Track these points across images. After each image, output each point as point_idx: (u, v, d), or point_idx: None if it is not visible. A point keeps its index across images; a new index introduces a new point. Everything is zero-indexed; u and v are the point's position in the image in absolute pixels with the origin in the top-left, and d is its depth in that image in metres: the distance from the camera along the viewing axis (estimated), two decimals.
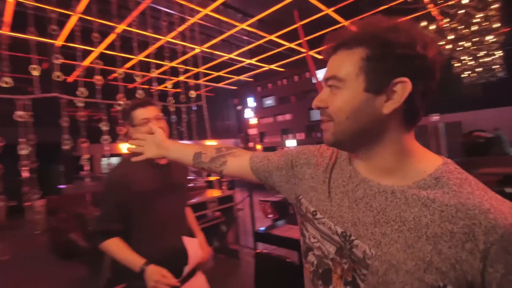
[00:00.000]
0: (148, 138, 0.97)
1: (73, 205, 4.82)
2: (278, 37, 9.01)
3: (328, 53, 0.58)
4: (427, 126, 8.94)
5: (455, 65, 6.59)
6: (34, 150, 2.61)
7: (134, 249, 1.20)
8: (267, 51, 10.49)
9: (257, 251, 1.87)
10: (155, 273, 1.12)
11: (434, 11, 5.46)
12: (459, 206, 0.47)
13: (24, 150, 2.46)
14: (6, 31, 2.54)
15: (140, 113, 1.25)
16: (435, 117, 9.98)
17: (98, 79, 3.01)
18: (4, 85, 2.31)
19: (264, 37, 8.98)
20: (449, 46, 5.37)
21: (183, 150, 0.90)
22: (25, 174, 2.49)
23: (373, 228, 0.54)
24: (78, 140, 2.87)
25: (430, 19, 5.17)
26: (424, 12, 5.22)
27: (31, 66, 2.44)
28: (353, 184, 0.59)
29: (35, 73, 2.46)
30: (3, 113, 2.62)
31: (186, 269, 1.27)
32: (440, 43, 5.34)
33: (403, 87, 0.49)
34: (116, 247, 1.19)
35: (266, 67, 12.02)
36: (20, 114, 2.42)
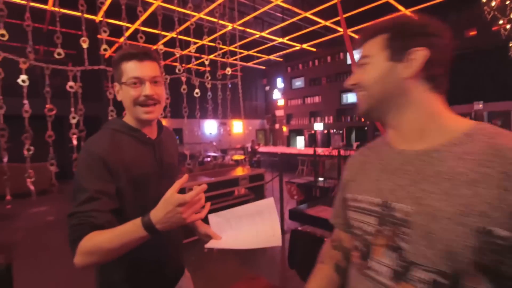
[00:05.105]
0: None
1: None
2: (313, 14, 8.63)
3: (358, 45, 0.68)
4: (470, 114, 8.30)
5: None
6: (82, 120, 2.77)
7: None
8: (300, 29, 10.11)
9: (293, 229, 1.91)
10: (168, 202, 0.72)
11: None
12: (495, 152, 0.50)
13: (74, 119, 2.61)
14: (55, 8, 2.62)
15: (132, 68, 0.88)
16: (478, 105, 9.27)
17: None
18: (57, 56, 2.45)
19: (299, 14, 8.64)
20: (508, 26, 4.83)
21: None
22: (74, 142, 2.66)
23: (409, 187, 0.56)
24: None
25: None
26: None
27: (82, 39, 2.54)
28: (389, 158, 0.64)
29: (84, 45, 2.56)
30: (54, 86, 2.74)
31: None
32: (500, 22, 4.82)
33: (419, 55, 0.58)
34: (100, 235, 0.75)
35: (298, 46, 11.65)
36: (71, 85, 2.56)
